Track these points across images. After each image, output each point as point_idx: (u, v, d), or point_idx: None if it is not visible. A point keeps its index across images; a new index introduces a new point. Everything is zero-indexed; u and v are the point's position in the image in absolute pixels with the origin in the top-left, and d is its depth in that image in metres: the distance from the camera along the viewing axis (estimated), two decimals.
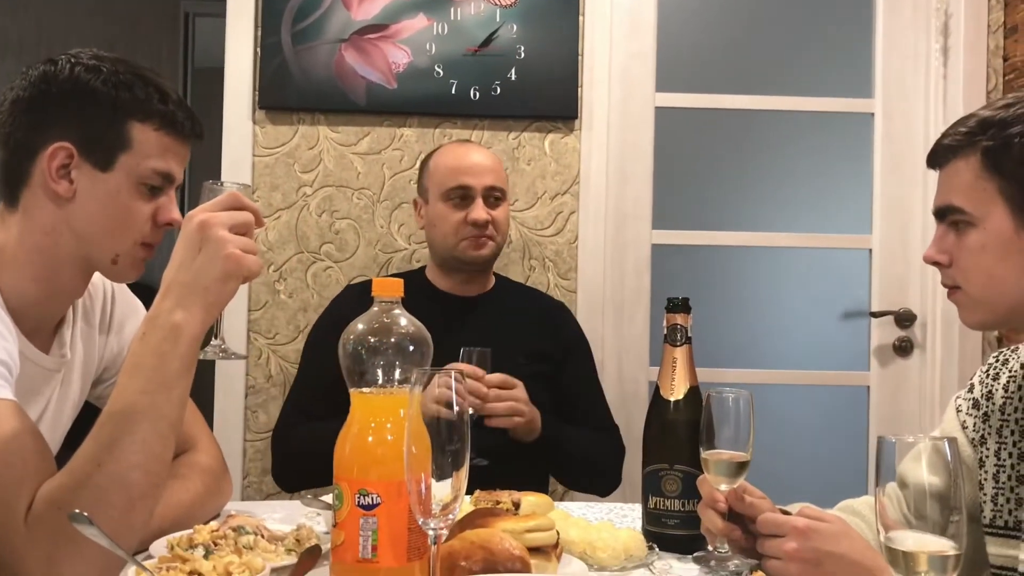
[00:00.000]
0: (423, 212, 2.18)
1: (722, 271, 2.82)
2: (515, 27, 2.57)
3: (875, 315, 2.71)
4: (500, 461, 1.82)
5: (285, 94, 2.54)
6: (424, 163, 2.22)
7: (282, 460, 2.09)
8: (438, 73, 2.56)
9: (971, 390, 1.38)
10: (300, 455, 2.03)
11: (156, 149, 1.29)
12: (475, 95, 2.57)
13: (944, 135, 1.23)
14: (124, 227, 1.29)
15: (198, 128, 1.35)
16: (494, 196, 2.11)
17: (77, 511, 0.97)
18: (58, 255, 1.29)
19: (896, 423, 2.70)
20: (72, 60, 1.28)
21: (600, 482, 2.14)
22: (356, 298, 2.11)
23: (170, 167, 1.31)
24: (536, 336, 2.13)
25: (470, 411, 1.81)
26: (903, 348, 2.71)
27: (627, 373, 2.65)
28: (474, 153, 2.15)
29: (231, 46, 2.56)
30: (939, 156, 1.24)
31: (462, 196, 2.09)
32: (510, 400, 1.86)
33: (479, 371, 1.82)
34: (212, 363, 2.23)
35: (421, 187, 2.21)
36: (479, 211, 2.07)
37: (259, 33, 2.54)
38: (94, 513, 0.98)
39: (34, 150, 1.26)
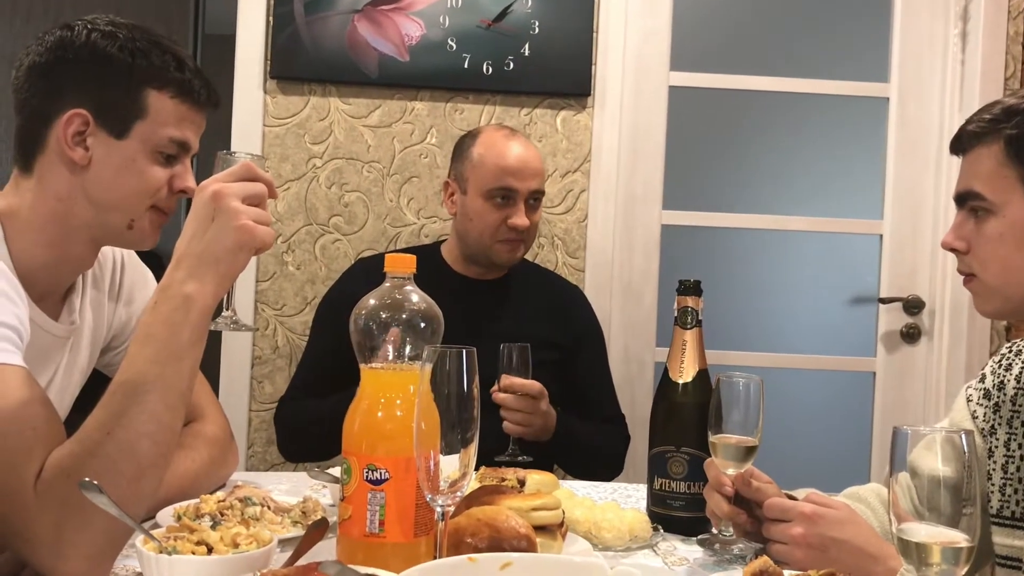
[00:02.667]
0: (456, 199, 2.10)
1: (731, 253, 2.81)
2: (530, 2, 2.54)
3: (883, 301, 2.70)
4: (505, 439, 1.82)
5: (297, 64, 2.52)
6: (464, 147, 2.12)
7: (286, 434, 2.10)
8: (451, 47, 2.54)
9: (982, 380, 1.38)
10: (303, 430, 2.04)
11: (172, 117, 1.29)
12: (488, 70, 2.54)
13: (968, 121, 1.22)
14: (139, 195, 1.29)
15: (214, 97, 1.34)
16: (534, 198, 2.06)
17: (87, 479, 0.98)
18: (71, 222, 1.29)
19: (901, 410, 2.69)
20: (89, 26, 1.27)
21: (604, 471, 2.13)
22: (364, 274, 2.10)
23: (186, 136, 1.30)
24: (549, 324, 2.11)
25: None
26: (910, 335, 2.70)
27: (633, 353, 2.65)
28: (523, 151, 2.05)
29: (243, 14, 2.54)
30: (963, 142, 1.23)
31: (504, 197, 2.02)
32: (523, 412, 1.83)
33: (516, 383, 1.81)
34: (219, 333, 2.24)
35: (458, 174, 2.10)
36: (521, 218, 2.01)
37: (271, 1, 2.52)
38: (103, 481, 0.98)
39: (50, 117, 1.26)
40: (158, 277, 1.17)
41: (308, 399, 2.04)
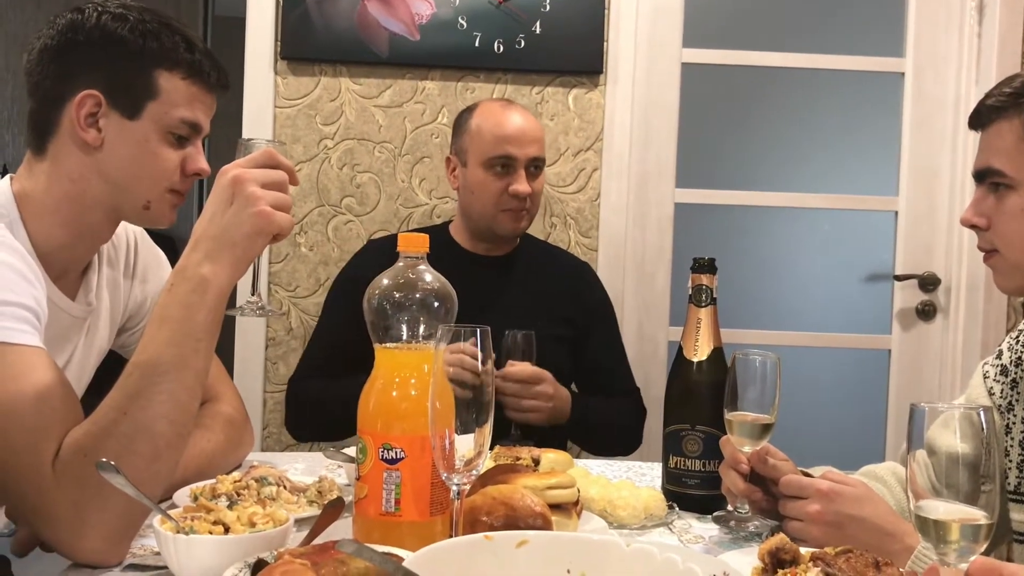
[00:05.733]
0: (458, 173, 2.11)
1: (745, 231, 2.80)
2: None
3: (899, 278, 2.68)
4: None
5: (307, 45, 2.51)
6: (462, 121, 2.13)
7: (295, 411, 2.11)
8: (461, 25, 2.52)
9: (999, 356, 1.36)
10: (313, 408, 2.06)
11: (183, 98, 1.29)
12: (499, 48, 2.53)
13: (988, 95, 1.20)
14: (153, 175, 1.30)
15: (224, 78, 1.35)
16: (535, 166, 2.06)
17: (104, 459, 0.98)
18: (86, 202, 1.30)
19: (916, 388, 2.68)
20: (99, 9, 1.28)
21: (622, 446, 2.14)
22: (377, 256, 2.10)
23: (197, 116, 1.31)
24: (560, 300, 2.11)
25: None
26: (926, 312, 2.68)
27: (647, 332, 2.64)
28: (520, 119, 2.06)
29: None
30: (982, 117, 1.21)
31: (504, 165, 2.02)
32: (530, 398, 1.83)
33: (516, 369, 1.81)
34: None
35: (458, 147, 2.12)
36: (522, 184, 2.01)
37: None
38: (120, 461, 0.99)
39: (62, 98, 1.27)
40: (172, 262, 1.17)
41: (317, 379, 2.05)
